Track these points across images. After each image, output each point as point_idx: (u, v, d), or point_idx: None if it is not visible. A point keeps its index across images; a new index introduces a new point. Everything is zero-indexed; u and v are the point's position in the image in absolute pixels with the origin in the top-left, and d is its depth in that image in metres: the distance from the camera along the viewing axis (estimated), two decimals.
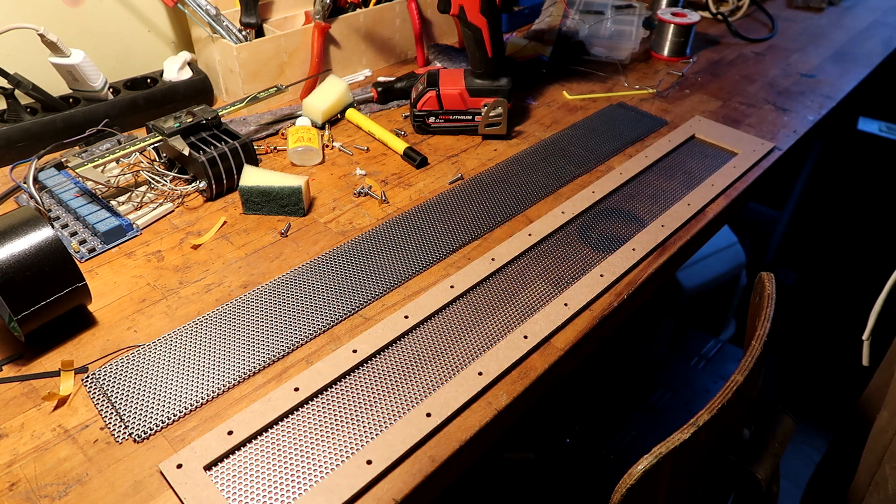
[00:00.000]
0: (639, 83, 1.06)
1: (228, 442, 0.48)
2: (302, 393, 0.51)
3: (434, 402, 0.52)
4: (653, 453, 0.56)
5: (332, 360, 0.54)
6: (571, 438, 1.14)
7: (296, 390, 0.51)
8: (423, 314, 0.59)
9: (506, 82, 0.88)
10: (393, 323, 0.59)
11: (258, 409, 0.50)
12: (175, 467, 0.46)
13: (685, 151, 0.87)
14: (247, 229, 0.72)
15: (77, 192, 0.74)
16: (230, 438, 0.48)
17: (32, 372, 0.55)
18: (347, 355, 0.55)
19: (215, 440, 0.48)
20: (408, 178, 0.82)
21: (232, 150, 0.76)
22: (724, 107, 1.00)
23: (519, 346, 0.57)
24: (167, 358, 0.56)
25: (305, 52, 0.98)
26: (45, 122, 0.82)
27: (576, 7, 1.21)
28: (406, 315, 0.59)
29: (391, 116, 0.96)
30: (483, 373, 0.54)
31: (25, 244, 0.53)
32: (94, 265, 0.67)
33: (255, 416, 0.49)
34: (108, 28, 0.95)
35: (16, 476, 0.47)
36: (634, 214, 0.75)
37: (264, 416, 0.49)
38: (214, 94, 0.99)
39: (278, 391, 0.52)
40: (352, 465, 0.46)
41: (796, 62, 1.16)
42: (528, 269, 0.66)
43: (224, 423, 0.49)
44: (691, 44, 1.15)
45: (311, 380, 0.53)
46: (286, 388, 0.52)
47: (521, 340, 0.57)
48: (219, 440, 0.48)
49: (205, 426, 0.51)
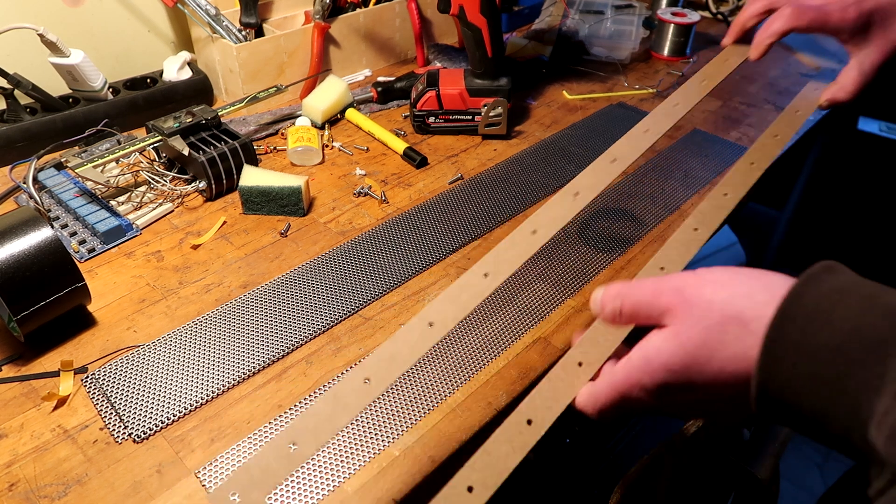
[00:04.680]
0: (639, 83, 1.06)
1: (292, 459, 0.35)
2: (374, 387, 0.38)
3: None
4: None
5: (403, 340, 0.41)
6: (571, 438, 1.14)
7: (366, 381, 0.38)
8: (449, 320, 0.48)
9: (506, 82, 0.88)
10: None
11: (324, 412, 0.36)
12: (229, 497, 0.33)
13: (685, 151, 0.87)
14: (246, 229, 0.72)
15: (77, 192, 0.74)
16: (294, 454, 0.35)
17: (32, 372, 0.55)
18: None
19: (275, 456, 0.35)
20: (408, 178, 0.82)
21: (232, 150, 0.76)
22: (724, 107, 1.00)
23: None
24: (167, 358, 0.56)
25: (305, 52, 0.98)
26: (45, 122, 0.82)
27: (576, 7, 1.21)
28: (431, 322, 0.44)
29: (391, 116, 0.96)
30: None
31: (25, 244, 0.53)
32: (94, 265, 0.67)
33: (322, 421, 0.36)
34: (108, 28, 0.95)
35: (15, 476, 0.47)
36: (634, 214, 0.75)
37: (333, 422, 0.36)
38: (214, 94, 0.99)
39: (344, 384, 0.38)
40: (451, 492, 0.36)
41: (796, 62, 1.16)
42: (527, 269, 0.66)
43: (283, 432, 0.36)
44: (691, 44, 1.15)
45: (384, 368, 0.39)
46: (354, 381, 0.38)
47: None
48: (279, 456, 0.35)
49: (205, 426, 0.51)
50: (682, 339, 0.33)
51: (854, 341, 0.28)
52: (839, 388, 0.28)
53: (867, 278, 0.31)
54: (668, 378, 0.33)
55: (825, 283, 0.30)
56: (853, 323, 0.29)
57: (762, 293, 0.32)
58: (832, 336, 0.29)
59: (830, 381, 0.28)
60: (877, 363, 0.27)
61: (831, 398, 0.28)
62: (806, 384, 0.29)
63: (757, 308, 0.31)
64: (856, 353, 0.28)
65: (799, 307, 0.30)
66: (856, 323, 0.28)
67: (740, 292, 0.32)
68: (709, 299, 0.33)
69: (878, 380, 0.27)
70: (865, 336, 0.28)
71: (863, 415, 0.27)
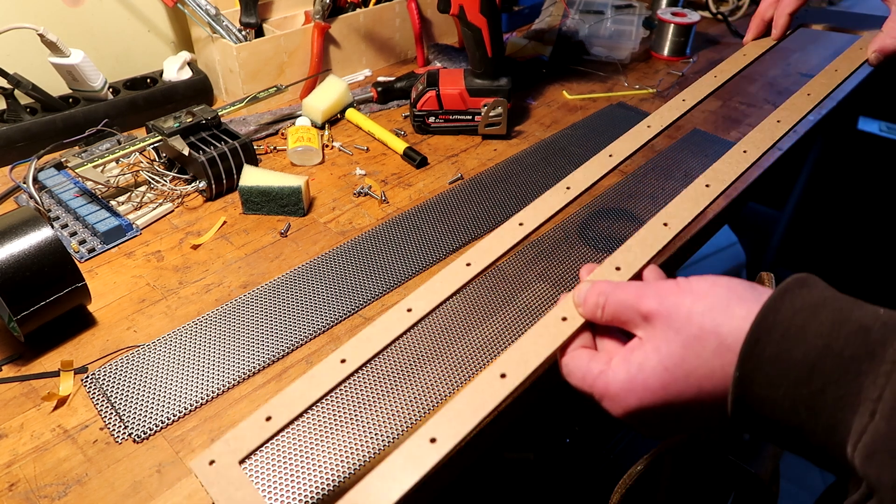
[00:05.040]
0: (639, 83, 1.06)
1: (267, 429, 0.39)
2: (349, 365, 0.41)
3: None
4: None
5: (381, 324, 0.44)
6: (571, 438, 1.14)
7: (342, 362, 0.41)
8: (426, 307, 0.48)
9: (506, 82, 0.88)
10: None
11: (299, 389, 0.40)
12: (207, 464, 0.38)
13: (685, 150, 0.87)
14: (246, 229, 0.72)
15: (77, 192, 0.74)
16: (268, 425, 0.39)
17: (32, 372, 0.55)
18: (397, 321, 0.45)
19: (252, 429, 0.39)
20: (408, 177, 0.82)
21: (232, 150, 0.76)
22: (724, 107, 1.00)
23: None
24: (167, 358, 0.56)
25: (305, 52, 0.98)
26: (45, 122, 0.82)
27: (576, 7, 1.21)
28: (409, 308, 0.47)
29: (391, 116, 0.96)
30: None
31: (25, 244, 0.53)
32: (94, 265, 0.67)
33: (296, 396, 0.40)
34: (108, 28, 0.95)
35: (15, 476, 0.47)
36: (634, 214, 0.75)
37: (306, 397, 0.40)
38: (214, 94, 0.99)
39: (322, 365, 0.41)
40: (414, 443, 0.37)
41: (796, 62, 1.16)
42: (527, 270, 0.66)
43: (262, 407, 0.39)
44: (691, 43, 1.15)
45: (360, 349, 0.42)
46: (331, 361, 0.41)
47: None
48: (255, 428, 0.39)
49: (205, 426, 0.51)
50: (663, 355, 0.33)
51: (828, 359, 0.28)
52: (815, 405, 0.28)
53: (866, 278, 0.32)
54: (647, 399, 0.34)
55: (798, 297, 0.30)
56: (825, 340, 0.29)
57: (739, 307, 0.32)
58: (806, 353, 0.29)
59: (806, 398, 0.29)
60: (851, 381, 0.28)
61: (808, 416, 0.29)
62: (782, 401, 0.29)
63: (733, 322, 0.31)
64: (830, 371, 0.28)
65: (773, 323, 0.30)
66: (828, 340, 0.29)
67: (718, 305, 0.32)
68: (688, 310, 0.33)
69: (853, 397, 0.27)
70: (838, 353, 0.28)
71: (840, 433, 0.28)
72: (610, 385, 0.35)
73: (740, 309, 0.32)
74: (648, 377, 0.33)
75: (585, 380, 0.37)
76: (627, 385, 0.34)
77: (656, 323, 0.34)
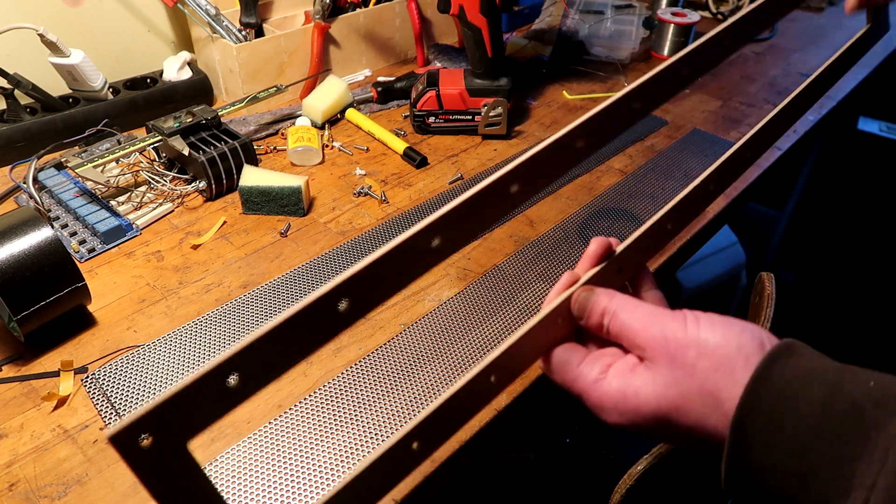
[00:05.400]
0: None
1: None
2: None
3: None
4: (652, 453, 0.56)
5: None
6: (571, 438, 1.14)
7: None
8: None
9: (506, 82, 0.88)
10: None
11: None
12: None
13: (685, 150, 0.87)
14: (246, 229, 0.72)
15: (77, 192, 0.74)
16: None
17: (32, 372, 0.55)
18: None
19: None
20: (408, 177, 0.82)
21: (232, 150, 0.76)
22: (724, 107, 1.00)
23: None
24: (167, 358, 0.56)
25: (305, 52, 0.98)
26: (45, 122, 0.82)
27: (576, 7, 1.21)
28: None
29: (391, 116, 0.96)
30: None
31: (25, 244, 0.53)
32: (94, 265, 0.67)
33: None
34: (108, 28, 0.95)
35: (15, 476, 0.47)
36: (634, 214, 0.75)
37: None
38: (214, 94, 0.99)
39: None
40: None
41: (796, 62, 1.16)
42: (527, 270, 0.66)
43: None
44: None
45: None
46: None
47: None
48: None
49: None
50: (659, 393, 0.33)
51: (821, 440, 0.28)
52: (806, 485, 0.28)
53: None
54: (637, 422, 0.34)
55: (788, 368, 0.30)
56: (817, 419, 0.28)
57: (744, 372, 0.31)
58: (797, 430, 0.29)
59: (798, 476, 0.28)
60: (844, 465, 0.27)
61: (800, 492, 0.28)
62: (774, 475, 0.29)
63: (735, 389, 0.31)
64: (823, 452, 0.28)
65: (761, 396, 0.30)
66: (819, 420, 0.28)
67: (723, 366, 0.32)
68: (692, 364, 0.32)
69: (845, 481, 0.27)
70: (831, 435, 0.28)
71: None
72: (603, 399, 0.35)
73: (744, 375, 0.31)
74: (641, 406, 0.33)
75: (576, 382, 0.36)
76: (621, 403, 0.34)
77: (659, 362, 0.34)
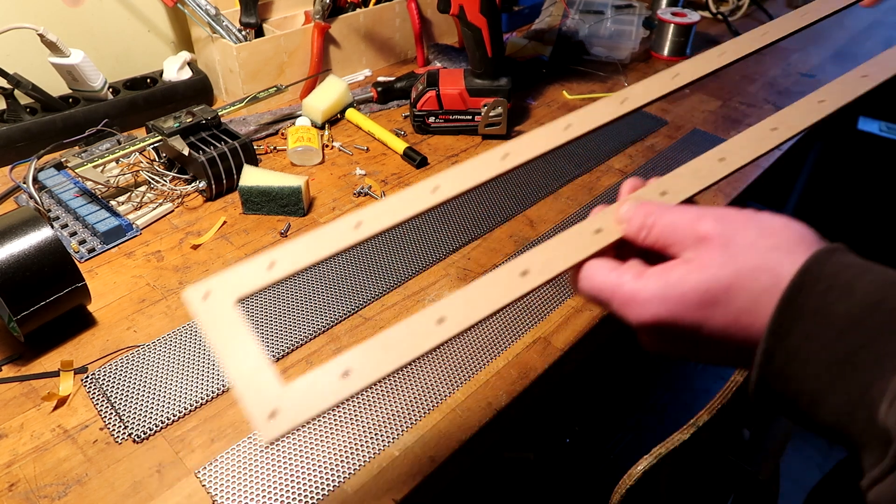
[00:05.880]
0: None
1: (268, 276, 0.37)
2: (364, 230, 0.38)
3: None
4: (653, 453, 0.56)
5: (404, 197, 0.42)
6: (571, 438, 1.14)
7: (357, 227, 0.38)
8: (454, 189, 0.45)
9: (506, 82, 0.88)
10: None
11: (306, 244, 0.37)
12: (202, 297, 0.37)
13: (685, 151, 0.87)
14: (246, 229, 0.72)
15: (77, 192, 0.74)
16: (270, 273, 0.37)
17: (32, 372, 0.55)
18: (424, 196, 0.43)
19: (253, 272, 0.37)
20: (408, 177, 0.82)
21: (232, 150, 0.76)
22: (723, 107, 1.00)
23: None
24: (167, 358, 0.56)
25: (305, 52, 0.98)
26: (45, 122, 0.82)
27: (576, 7, 1.21)
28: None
29: (391, 116, 0.96)
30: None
31: (25, 244, 0.53)
32: (94, 265, 0.67)
33: (302, 250, 0.37)
34: (108, 28, 0.95)
35: (15, 476, 0.47)
36: None
37: (313, 252, 0.37)
38: (214, 94, 0.99)
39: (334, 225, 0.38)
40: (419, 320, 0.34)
41: (796, 62, 1.16)
42: None
43: (265, 253, 0.37)
44: (691, 44, 1.15)
45: (378, 217, 0.40)
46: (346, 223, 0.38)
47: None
48: (257, 272, 0.37)
49: (204, 426, 0.51)
50: (709, 276, 0.30)
51: (875, 316, 0.27)
52: (852, 362, 0.27)
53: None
54: (679, 312, 0.31)
55: (846, 256, 0.30)
56: (875, 297, 0.27)
57: (807, 254, 0.30)
58: (850, 309, 0.27)
59: (843, 353, 0.27)
60: (887, 359, 0.26)
61: (840, 372, 0.27)
62: (815, 353, 0.28)
63: (795, 267, 0.29)
64: (875, 327, 0.27)
65: (818, 275, 0.29)
66: (877, 298, 0.27)
67: (785, 245, 0.30)
68: (752, 241, 0.31)
69: (885, 381, 0.26)
70: (887, 311, 0.27)
71: (873, 393, 0.26)
72: (639, 293, 0.32)
73: (804, 258, 0.30)
74: (687, 291, 0.31)
75: (606, 284, 0.33)
76: (660, 294, 0.31)
77: (711, 245, 0.31)
